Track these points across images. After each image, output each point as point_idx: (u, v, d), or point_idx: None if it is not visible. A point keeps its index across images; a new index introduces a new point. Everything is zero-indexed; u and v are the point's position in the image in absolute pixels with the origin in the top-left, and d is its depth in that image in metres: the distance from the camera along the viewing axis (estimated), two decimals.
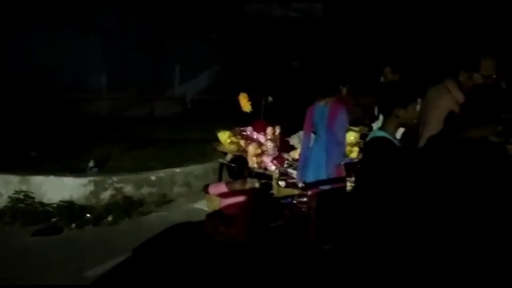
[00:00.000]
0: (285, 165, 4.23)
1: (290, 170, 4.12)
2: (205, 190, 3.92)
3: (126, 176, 4.46)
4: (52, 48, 7.41)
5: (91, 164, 4.70)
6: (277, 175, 4.10)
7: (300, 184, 3.66)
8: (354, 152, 3.91)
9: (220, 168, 4.79)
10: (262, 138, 4.63)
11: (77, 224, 3.97)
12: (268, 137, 4.61)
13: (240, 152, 4.52)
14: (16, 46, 7.25)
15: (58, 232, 3.87)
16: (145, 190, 4.49)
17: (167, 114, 7.91)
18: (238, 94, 5.10)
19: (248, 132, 4.76)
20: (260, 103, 5.39)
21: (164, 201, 4.53)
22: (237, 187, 3.73)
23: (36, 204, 4.15)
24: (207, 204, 4.00)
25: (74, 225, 3.96)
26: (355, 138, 3.86)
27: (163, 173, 4.67)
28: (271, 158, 4.32)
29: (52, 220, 4.01)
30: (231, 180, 4.38)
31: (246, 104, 5.09)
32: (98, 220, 4.05)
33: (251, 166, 4.34)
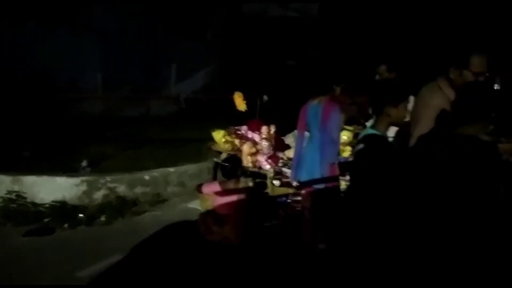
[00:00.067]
0: (279, 164, 4.21)
1: (284, 169, 4.10)
2: (198, 189, 3.89)
3: (119, 176, 4.44)
4: (47, 47, 7.38)
5: (84, 163, 4.67)
6: (271, 174, 4.08)
7: (294, 183, 3.64)
8: (346, 151, 3.90)
9: (215, 168, 4.76)
10: (257, 137, 4.61)
11: (69, 224, 3.94)
12: (263, 136, 4.58)
13: (234, 151, 4.50)
14: (11, 45, 7.21)
15: (50, 232, 3.84)
16: (138, 190, 4.46)
17: (163, 114, 7.88)
18: (233, 94, 5.08)
19: (243, 131, 4.73)
20: (256, 102, 5.37)
21: (158, 200, 4.51)
22: (230, 187, 3.70)
23: (28, 204, 4.12)
24: (201, 204, 3.98)
25: (66, 225, 3.93)
26: (348, 138, 3.85)
27: (157, 172, 4.65)
28: (266, 157, 4.30)
29: (45, 220, 3.98)
30: (225, 179, 4.36)
31: (241, 103, 5.07)
32: (91, 220, 4.03)
33: (245, 165, 4.32)
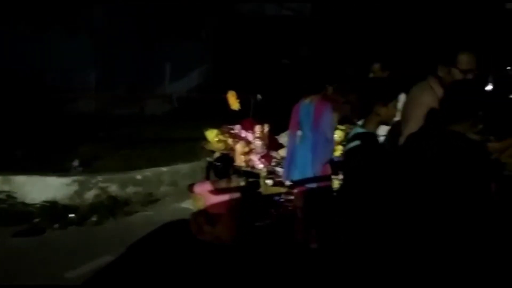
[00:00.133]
0: (272, 163, 4.19)
1: (277, 169, 4.09)
2: (190, 189, 3.87)
3: (111, 176, 4.40)
4: (41, 46, 7.31)
5: (76, 163, 4.62)
6: (264, 174, 4.06)
7: (287, 182, 3.63)
8: (338, 150, 3.88)
9: (208, 167, 4.74)
10: (250, 136, 4.58)
11: (60, 225, 3.89)
12: (256, 135, 4.56)
13: (228, 151, 4.47)
14: (3, 44, 7.14)
15: (41, 232, 3.79)
16: (130, 190, 4.42)
17: (157, 113, 7.85)
18: (227, 92, 5.05)
19: (236, 130, 4.71)
20: (249, 101, 5.35)
21: (150, 200, 4.47)
22: (222, 186, 3.68)
23: (18, 204, 4.07)
24: (193, 204, 3.95)
25: (57, 225, 3.88)
26: (339, 137, 3.84)
27: (149, 172, 4.61)
28: (259, 156, 4.28)
29: (35, 220, 3.93)
30: (217, 179, 4.33)
31: (234, 102, 5.04)
32: (82, 221, 3.98)
33: (239, 164, 4.29)
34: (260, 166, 4.15)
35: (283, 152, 4.27)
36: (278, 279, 3.00)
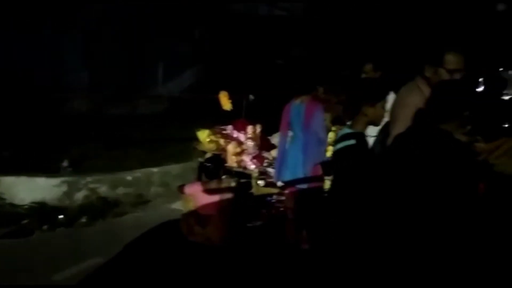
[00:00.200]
0: (264, 164, 4.18)
1: (269, 169, 4.08)
2: (180, 190, 3.83)
3: (101, 176, 4.36)
4: (32, 46, 7.24)
5: (65, 164, 4.57)
6: (256, 174, 4.05)
7: (278, 183, 3.62)
8: (328, 151, 3.88)
9: (200, 168, 4.70)
10: (242, 137, 4.57)
11: (49, 226, 3.86)
12: (249, 135, 4.55)
13: (219, 151, 4.45)
14: None
15: (29, 234, 3.75)
16: (120, 191, 4.39)
17: (149, 113, 7.80)
18: (219, 93, 5.03)
19: (228, 131, 4.69)
20: (241, 102, 5.33)
21: (140, 201, 4.44)
22: (213, 187, 3.65)
23: (6, 205, 4.03)
24: (183, 205, 3.92)
25: (45, 226, 3.85)
26: (330, 138, 3.84)
27: (139, 172, 4.58)
28: (251, 157, 4.27)
29: (23, 221, 3.88)
30: (207, 179, 4.31)
31: (226, 103, 5.02)
32: (71, 222, 3.95)
33: (230, 165, 4.27)
34: (252, 167, 4.14)
35: (275, 153, 4.27)
36: (269, 280, 2.99)
